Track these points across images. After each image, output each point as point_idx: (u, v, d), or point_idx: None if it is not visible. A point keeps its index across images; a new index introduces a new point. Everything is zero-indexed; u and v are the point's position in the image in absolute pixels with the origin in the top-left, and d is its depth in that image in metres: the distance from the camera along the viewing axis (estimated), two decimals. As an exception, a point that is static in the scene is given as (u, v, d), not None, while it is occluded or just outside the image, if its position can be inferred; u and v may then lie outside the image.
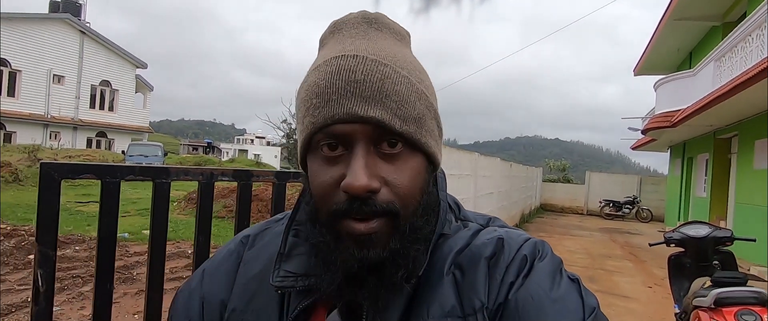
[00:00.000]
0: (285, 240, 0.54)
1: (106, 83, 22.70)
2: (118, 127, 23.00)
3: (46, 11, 22.16)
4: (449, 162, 5.18)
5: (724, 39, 7.95)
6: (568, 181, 21.22)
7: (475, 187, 6.51)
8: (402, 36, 0.54)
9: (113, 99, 23.19)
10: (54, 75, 20.43)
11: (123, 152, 18.56)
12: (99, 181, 1.36)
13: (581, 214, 17.43)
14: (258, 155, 48.15)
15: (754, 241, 3.09)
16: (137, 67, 24.03)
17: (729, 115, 8.58)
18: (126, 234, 6.67)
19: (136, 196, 10.95)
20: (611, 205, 16.17)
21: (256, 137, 65.09)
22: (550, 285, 0.48)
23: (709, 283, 2.65)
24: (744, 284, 2.47)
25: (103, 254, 1.38)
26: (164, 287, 1.57)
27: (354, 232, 0.46)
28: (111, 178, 1.38)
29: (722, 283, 2.49)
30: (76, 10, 22.28)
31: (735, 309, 2.29)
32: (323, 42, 0.53)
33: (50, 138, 20.40)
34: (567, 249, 8.54)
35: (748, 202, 8.43)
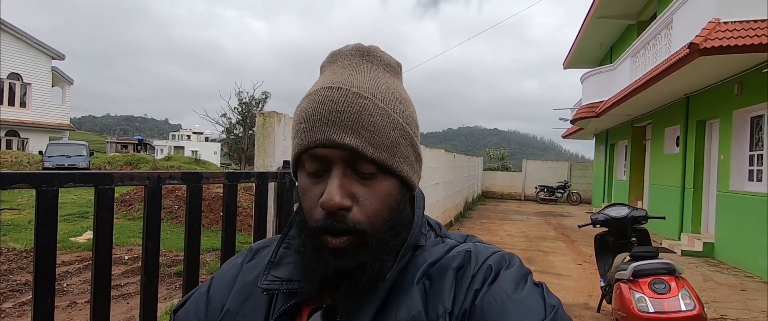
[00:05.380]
0: (276, 251, 0.61)
1: (15, 76, 20.34)
2: (33, 125, 20.74)
3: (-64, -6, 19.32)
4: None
5: (639, 37, 8.79)
6: (507, 169, 22.41)
7: (422, 178, 6.71)
8: (392, 67, 0.60)
9: (25, 94, 20.84)
10: (-51, 67, 17.99)
11: (40, 153, 16.77)
12: (34, 191, 1.28)
13: (519, 199, 18.52)
14: (196, 152, 45.71)
15: (664, 218, 3.52)
16: (53, 59, 21.76)
17: (643, 106, 9.52)
18: (51, 242, 6.11)
19: (60, 200, 10.01)
20: (545, 190, 17.34)
21: (194, 132, 61.60)
22: (513, 289, 0.52)
23: (628, 258, 2.98)
24: (656, 257, 2.82)
25: (42, 267, 1.30)
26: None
27: (328, 246, 0.52)
28: (48, 186, 1.30)
29: (639, 257, 2.82)
30: (-26, -6, 19.67)
31: (649, 279, 2.61)
32: (322, 69, 0.60)
33: (-52, 139, 18.00)
34: (507, 233, 9.08)
35: (660, 183, 9.45)
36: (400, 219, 0.56)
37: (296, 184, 0.59)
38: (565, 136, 19.27)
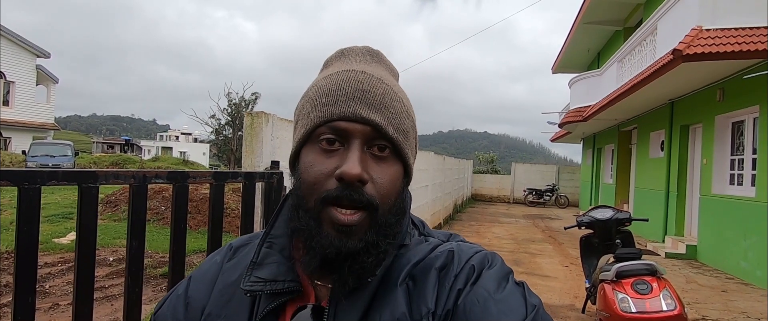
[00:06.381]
0: (258, 251, 0.59)
1: (-2, 74, 19.93)
2: (15, 124, 20.29)
3: None
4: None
5: (625, 43, 8.95)
6: (496, 172, 22.58)
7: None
8: (395, 73, 0.65)
9: (8, 92, 20.39)
10: (-71, 64, 17.55)
11: (24, 152, 16.45)
12: (15, 188, 1.26)
13: (508, 202, 18.66)
14: (184, 153, 45.18)
15: (647, 221, 3.58)
16: (38, 57, 21.36)
17: (629, 110, 9.68)
18: (33, 244, 5.99)
19: (43, 200, 9.83)
20: (534, 193, 17.51)
21: (182, 133, 60.84)
22: (495, 288, 0.52)
23: (612, 259, 3.03)
24: (639, 258, 2.87)
25: (23, 267, 1.28)
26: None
27: (337, 221, 0.51)
28: (30, 184, 1.29)
29: (622, 259, 2.88)
30: (-44, -11, 19.24)
31: (632, 280, 2.66)
32: (329, 63, 0.63)
33: (-73, 137, 17.54)
34: (496, 235, 9.14)
35: (645, 187, 9.61)
36: (402, 207, 0.57)
37: (289, 174, 0.58)
38: (553, 140, 19.48)
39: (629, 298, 2.57)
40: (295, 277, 0.57)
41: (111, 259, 5.60)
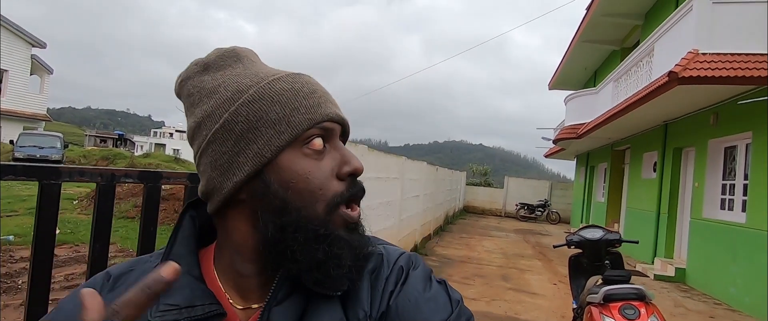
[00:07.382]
0: None
1: (-9, 62, 19.68)
2: (6, 113, 20.04)
3: None
4: (378, 165, 5.23)
5: (622, 62, 8.99)
6: (489, 185, 22.57)
7: (401, 189, 6.65)
8: None
9: (0, 80, 20.17)
10: None
11: (11, 142, 16.20)
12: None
13: (500, 215, 18.62)
14: (177, 150, 44.82)
15: (637, 243, 3.53)
16: (33, 46, 21.15)
17: (623, 130, 9.70)
18: (11, 237, 5.84)
19: (26, 192, 9.66)
20: (526, 207, 17.48)
21: (176, 130, 60.42)
22: (423, 287, 0.55)
23: (600, 281, 2.97)
24: (628, 281, 2.81)
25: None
26: (55, 298, 1.39)
27: (351, 219, 0.52)
28: (-16, 178, 1.20)
29: (610, 281, 2.81)
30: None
31: (619, 304, 2.59)
32: (223, 64, 0.55)
33: None
34: (485, 249, 9.06)
35: (636, 207, 9.60)
36: None
37: (260, 181, 0.50)
38: (547, 156, 19.51)
39: (616, 323, 2.49)
40: (213, 300, 0.51)
41: (90, 256, 5.46)
